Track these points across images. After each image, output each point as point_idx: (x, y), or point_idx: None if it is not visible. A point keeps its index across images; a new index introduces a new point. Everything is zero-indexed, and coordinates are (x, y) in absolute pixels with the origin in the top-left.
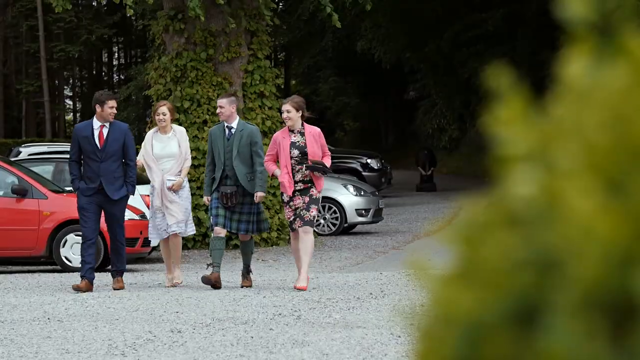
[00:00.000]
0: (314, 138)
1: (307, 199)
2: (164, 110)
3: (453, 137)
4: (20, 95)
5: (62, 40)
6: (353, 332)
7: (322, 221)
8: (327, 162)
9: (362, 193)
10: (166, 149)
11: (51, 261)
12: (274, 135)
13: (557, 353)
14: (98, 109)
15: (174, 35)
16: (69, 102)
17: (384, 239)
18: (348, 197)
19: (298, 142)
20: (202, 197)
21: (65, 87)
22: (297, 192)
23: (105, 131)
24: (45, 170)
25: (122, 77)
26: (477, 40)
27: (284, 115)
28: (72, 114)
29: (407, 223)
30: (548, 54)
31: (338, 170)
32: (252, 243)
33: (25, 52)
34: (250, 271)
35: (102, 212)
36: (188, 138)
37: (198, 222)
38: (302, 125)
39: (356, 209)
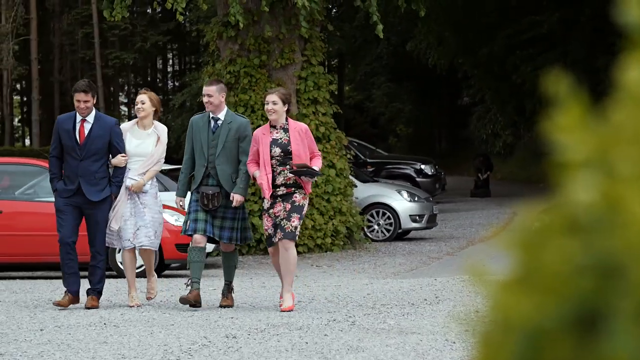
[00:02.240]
0: (299, 135)
1: (288, 206)
2: (142, 98)
3: (507, 142)
4: None
5: (117, 47)
6: (408, 338)
7: (375, 227)
8: (317, 163)
9: (416, 199)
10: (141, 147)
11: (107, 267)
12: (254, 132)
13: (619, 359)
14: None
15: (228, 41)
16: (124, 108)
17: (438, 244)
18: (402, 203)
19: (280, 139)
20: (255, 202)
21: (120, 93)
22: (278, 198)
23: (87, 126)
24: None
25: (177, 84)
26: (529, 44)
27: (269, 107)
28: (127, 120)
29: (462, 229)
30: (602, 58)
31: (392, 176)
32: (237, 255)
33: (80, 59)
34: (232, 289)
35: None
36: (167, 140)
37: (252, 227)
38: (287, 120)
39: (410, 215)
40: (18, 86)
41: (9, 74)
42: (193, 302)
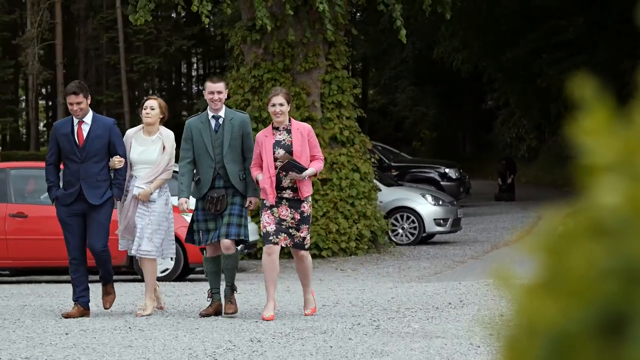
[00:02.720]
0: (302, 135)
1: (297, 216)
2: (152, 103)
3: (532, 146)
4: (101, 106)
5: (142, 51)
6: (432, 342)
7: (400, 231)
8: (317, 166)
9: (441, 203)
10: (145, 154)
11: (132, 271)
12: (256, 135)
13: None
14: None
15: (252, 46)
16: None
17: (463, 248)
18: (426, 207)
19: (284, 140)
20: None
21: (145, 98)
22: (284, 201)
23: (85, 128)
24: None
25: (201, 88)
26: (555, 48)
27: (276, 109)
28: None
29: (486, 233)
30: (627, 62)
31: (416, 180)
32: (238, 256)
33: (105, 63)
34: (235, 289)
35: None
36: (175, 145)
37: None
38: (289, 121)
39: (434, 219)
40: (43, 91)
41: (35, 78)
42: (214, 314)
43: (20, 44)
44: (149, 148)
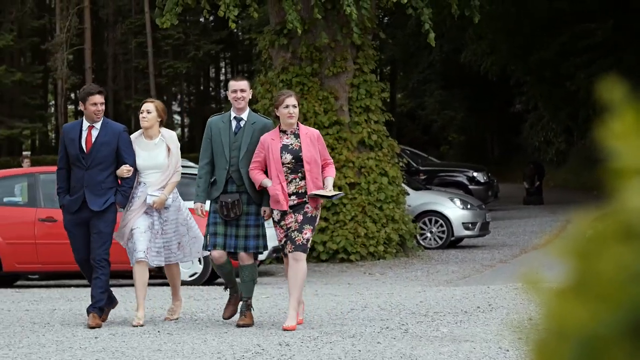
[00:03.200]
0: (311, 141)
1: (300, 217)
2: (148, 107)
3: (560, 150)
4: (130, 111)
5: (170, 56)
6: (461, 346)
7: (428, 234)
8: (330, 172)
9: (469, 206)
10: (150, 159)
11: (160, 274)
12: (262, 137)
13: None
14: (82, 107)
15: (280, 50)
16: (177, 117)
17: (491, 252)
18: (455, 211)
19: (291, 145)
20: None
21: (173, 102)
22: (289, 209)
23: (94, 133)
24: None
25: None
26: (583, 51)
27: (289, 110)
28: (180, 129)
29: (514, 236)
30: None
31: (444, 184)
32: (256, 269)
33: (134, 68)
34: (251, 307)
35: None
36: (179, 145)
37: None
38: (297, 125)
39: (463, 223)
40: (72, 95)
41: (63, 83)
42: (237, 311)
43: (49, 49)
44: (153, 152)
